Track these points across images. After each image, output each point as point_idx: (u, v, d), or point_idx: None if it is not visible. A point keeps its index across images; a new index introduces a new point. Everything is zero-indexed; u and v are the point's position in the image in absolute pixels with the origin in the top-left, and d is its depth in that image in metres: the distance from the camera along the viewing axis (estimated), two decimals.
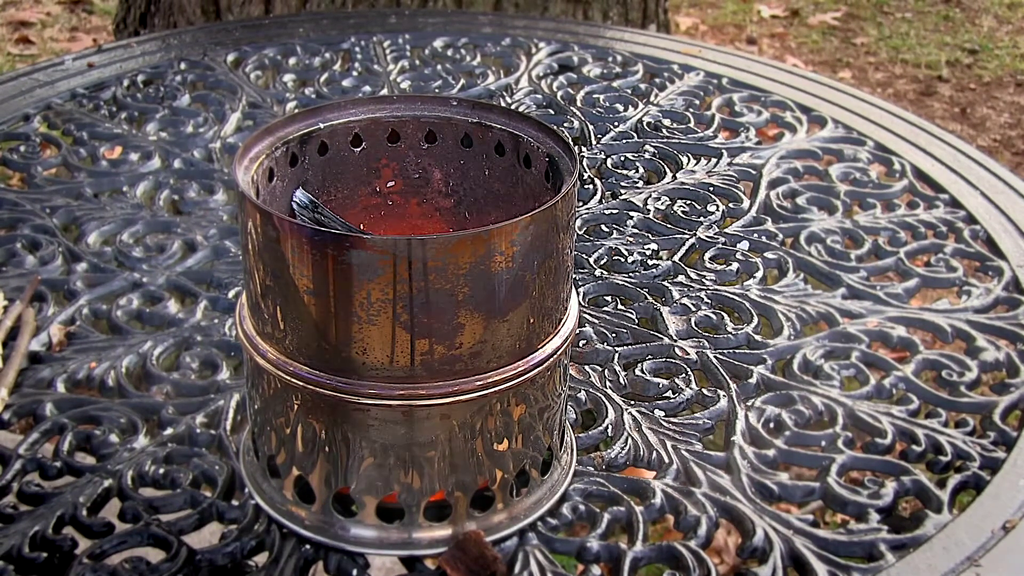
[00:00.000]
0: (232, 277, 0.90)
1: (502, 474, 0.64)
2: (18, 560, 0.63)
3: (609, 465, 0.71)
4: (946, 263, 0.94)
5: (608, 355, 0.82)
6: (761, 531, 0.66)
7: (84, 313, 0.85)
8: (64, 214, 0.98)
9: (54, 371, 0.78)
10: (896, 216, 1.02)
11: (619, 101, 1.22)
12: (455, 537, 0.63)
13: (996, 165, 1.08)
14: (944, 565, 0.64)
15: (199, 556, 0.64)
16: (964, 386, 0.80)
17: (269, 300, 0.59)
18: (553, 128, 0.64)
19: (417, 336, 0.56)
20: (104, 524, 0.66)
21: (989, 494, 0.69)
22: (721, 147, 1.12)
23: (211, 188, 1.03)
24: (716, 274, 0.92)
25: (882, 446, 0.74)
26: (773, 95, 1.23)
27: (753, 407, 0.77)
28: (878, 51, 3.37)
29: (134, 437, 0.73)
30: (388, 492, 0.62)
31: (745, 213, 1.01)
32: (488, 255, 0.55)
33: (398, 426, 0.60)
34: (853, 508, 0.70)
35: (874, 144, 1.13)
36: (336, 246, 0.54)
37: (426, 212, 0.71)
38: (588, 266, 0.93)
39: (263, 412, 0.64)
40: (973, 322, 0.87)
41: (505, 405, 0.61)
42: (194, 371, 0.79)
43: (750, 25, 3.54)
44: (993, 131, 2.90)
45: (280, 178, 0.64)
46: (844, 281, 0.91)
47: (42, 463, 0.70)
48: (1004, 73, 3.23)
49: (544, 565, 0.64)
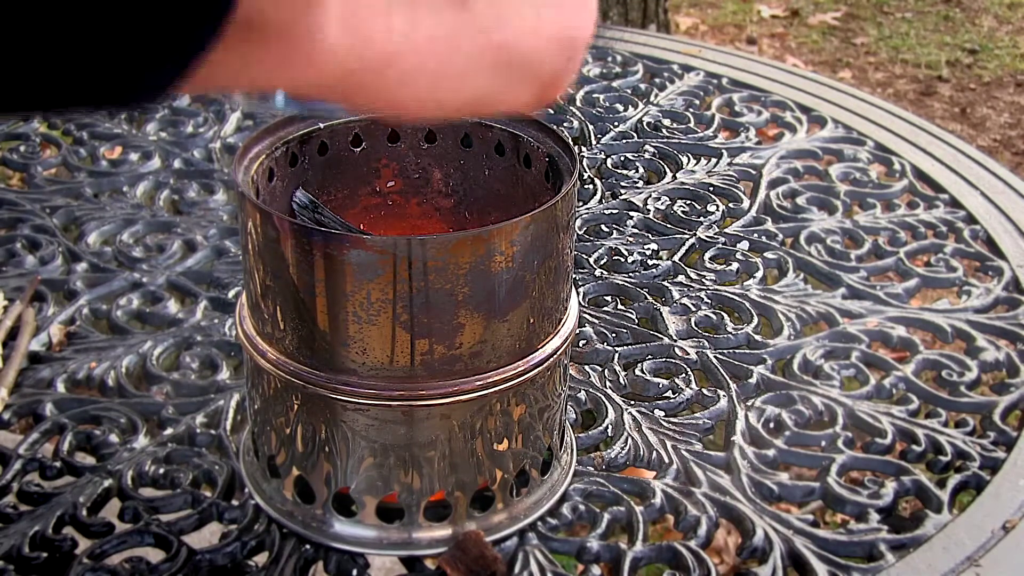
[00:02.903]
0: (232, 277, 0.90)
1: (502, 474, 0.64)
2: (18, 560, 0.63)
3: (609, 465, 0.71)
4: (946, 263, 0.94)
5: (608, 355, 0.82)
6: (761, 531, 0.66)
7: (84, 313, 0.85)
8: (64, 214, 0.98)
9: (54, 371, 0.78)
10: (896, 216, 1.02)
11: (619, 101, 1.22)
12: (455, 537, 0.63)
13: (996, 165, 1.08)
14: (944, 565, 0.64)
15: (199, 556, 0.64)
16: (964, 386, 0.80)
17: (269, 300, 0.59)
18: (553, 128, 0.64)
19: (417, 336, 0.56)
20: (104, 524, 0.66)
21: (989, 494, 0.69)
22: (721, 147, 1.12)
23: (211, 188, 1.03)
24: (716, 274, 0.92)
25: (882, 446, 0.74)
26: (773, 95, 1.23)
27: (753, 407, 0.77)
28: (878, 51, 3.36)
29: (134, 437, 0.73)
30: (388, 492, 0.62)
31: (745, 213, 1.01)
32: (488, 255, 0.55)
33: (398, 426, 0.60)
34: (853, 508, 0.70)
35: (874, 144, 1.13)
36: (336, 246, 0.54)
37: (426, 212, 0.71)
38: (588, 266, 0.93)
39: (263, 412, 0.64)
40: (973, 322, 0.87)
41: (505, 405, 0.61)
42: (194, 371, 0.79)
43: (750, 25, 3.54)
44: (993, 131, 2.90)
45: (280, 178, 0.64)
46: (844, 281, 0.91)
47: (42, 463, 0.70)
48: (1004, 73, 3.23)
49: (544, 565, 0.64)
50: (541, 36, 0.41)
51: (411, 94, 0.38)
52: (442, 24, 0.37)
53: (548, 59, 0.41)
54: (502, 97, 0.42)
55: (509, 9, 0.39)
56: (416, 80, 0.38)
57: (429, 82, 0.38)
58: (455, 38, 0.38)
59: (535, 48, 0.41)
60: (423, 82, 0.38)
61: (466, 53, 0.39)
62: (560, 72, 0.42)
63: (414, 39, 0.37)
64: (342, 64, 0.35)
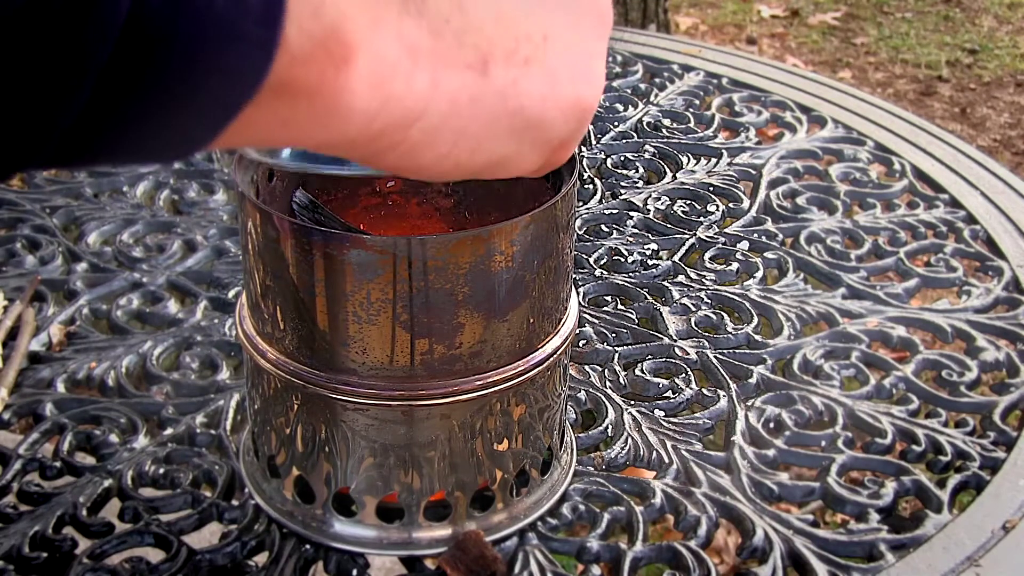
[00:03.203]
0: (232, 277, 0.90)
1: (502, 474, 0.64)
2: (18, 560, 0.63)
3: (609, 465, 0.71)
4: (946, 263, 0.94)
5: (608, 355, 0.82)
6: (761, 531, 0.66)
7: (84, 313, 0.85)
8: (64, 214, 0.98)
9: (54, 371, 0.78)
10: (896, 216, 1.02)
11: (619, 101, 1.22)
12: (455, 537, 0.63)
13: (996, 165, 1.08)
14: (944, 565, 0.64)
15: (199, 556, 0.64)
16: (964, 386, 0.80)
17: (269, 300, 0.59)
18: None
19: (417, 336, 0.56)
20: (104, 524, 0.66)
21: (989, 494, 0.69)
22: (721, 147, 1.12)
23: (211, 188, 1.03)
24: (716, 274, 0.92)
25: (882, 446, 0.74)
26: (773, 95, 1.23)
27: (753, 407, 0.77)
28: (878, 51, 3.37)
29: (134, 437, 0.73)
30: (388, 492, 0.62)
31: (745, 213, 1.01)
32: (488, 255, 0.55)
33: (398, 426, 0.60)
34: (853, 508, 0.70)
35: (874, 144, 1.13)
36: (336, 246, 0.54)
37: (426, 212, 0.71)
38: (588, 266, 0.93)
39: (263, 412, 0.64)
40: (973, 322, 0.87)
41: (505, 405, 0.61)
42: (194, 371, 0.79)
43: (750, 25, 3.54)
44: (993, 131, 2.90)
45: (280, 178, 0.64)
46: (844, 281, 0.91)
47: (42, 463, 0.70)
48: (1004, 73, 3.23)
49: (544, 565, 0.64)
50: (554, 104, 0.42)
51: (432, 154, 0.39)
52: (464, 87, 0.38)
53: (559, 126, 0.42)
54: (515, 161, 0.43)
55: (525, 77, 0.40)
56: (437, 140, 0.39)
57: (450, 142, 0.39)
58: (476, 101, 0.39)
59: (548, 115, 0.42)
60: (444, 142, 0.39)
61: (485, 116, 0.40)
62: (569, 138, 0.43)
63: (436, 100, 0.38)
64: (370, 124, 0.36)
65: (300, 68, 0.32)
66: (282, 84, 0.32)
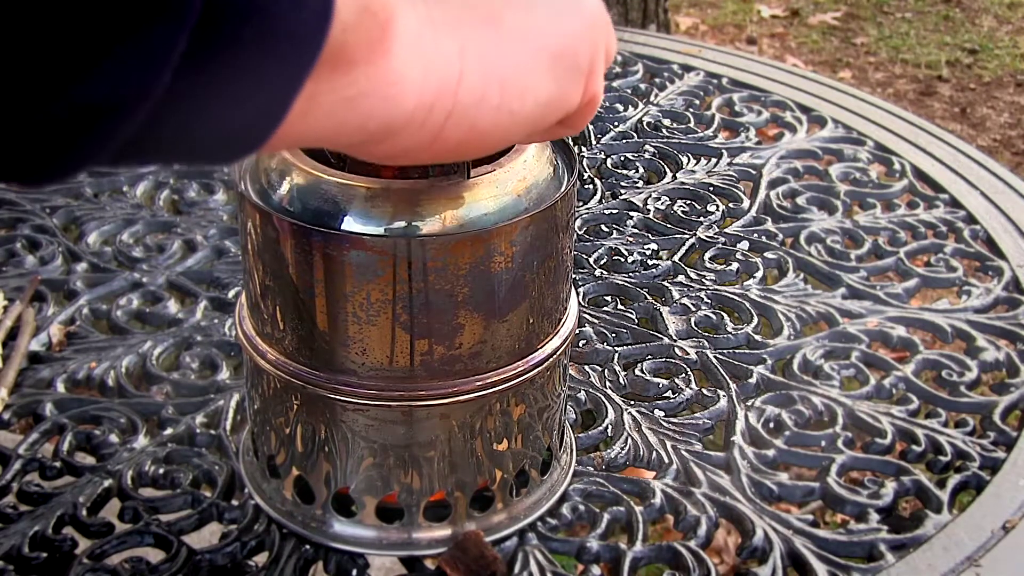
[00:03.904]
0: (232, 277, 0.90)
1: (502, 474, 0.64)
2: (18, 560, 0.63)
3: (609, 465, 0.71)
4: (946, 263, 0.94)
5: (608, 355, 0.82)
6: (761, 531, 0.66)
7: (84, 313, 0.85)
8: (64, 214, 0.98)
9: (54, 371, 0.79)
10: (896, 216, 1.02)
11: (619, 101, 1.22)
12: (455, 537, 0.63)
13: (996, 165, 1.08)
14: (944, 565, 0.64)
15: (199, 556, 0.64)
16: (964, 386, 0.80)
17: (269, 300, 0.59)
18: None
19: (417, 337, 0.56)
20: (104, 524, 0.66)
21: (989, 494, 0.69)
22: (721, 147, 1.12)
23: (211, 188, 1.03)
24: (716, 274, 0.92)
25: (882, 446, 0.74)
26: (773, 95, 1.23)
27: (753, 407, 0.77)
28: (878, 51, 3.37)
29: (134, 437, 0.73)
30: (388, 492, 0.62)
31: (745, 213, 1.01)
32: (488, 255, 0.55)
33: (398, 426, 0.60)
34: (853, 508, 0.70)
35: (874, 144, 1.13)
36: (336, 246, 0.54)
37: None
38: (588, 266, 0.93)
39: (263, 412, 0.64)
40: (973, 322, 0.87)
41: (505, 405, 0.61)
42: (194, 371, 0.79)
43: (750, 25, 3.54)
44: (993, 131, 2.90)
45: None
46: (844, 281, 0.91)
47: (42, 463, 0.70)
48: (1004, 73, 3.23)
49: (544, 565, 0.64)
50: (569, 30, 0.44)
51: (486, 110, 0.41)
52: (488, 40, 0.40)
53: (583, 48, 0.45)
54: (560, 99, 0.44)
55: (531, 19, 0.43)
56: (485, 95, 0.40)
57: (497, 93, 0.41)
58: (502, 49, 0.41)
59: (568, 42, 0.44)
60: (492, 94, 0.41)
61: (516, 59, 0.42)
62: (595, 58, 0.46)
63: (468, 58, 0.39)
64: (422, 93, 0.38)
65: (351, 34, 0.33)
66: (338, 52, 0.33)
